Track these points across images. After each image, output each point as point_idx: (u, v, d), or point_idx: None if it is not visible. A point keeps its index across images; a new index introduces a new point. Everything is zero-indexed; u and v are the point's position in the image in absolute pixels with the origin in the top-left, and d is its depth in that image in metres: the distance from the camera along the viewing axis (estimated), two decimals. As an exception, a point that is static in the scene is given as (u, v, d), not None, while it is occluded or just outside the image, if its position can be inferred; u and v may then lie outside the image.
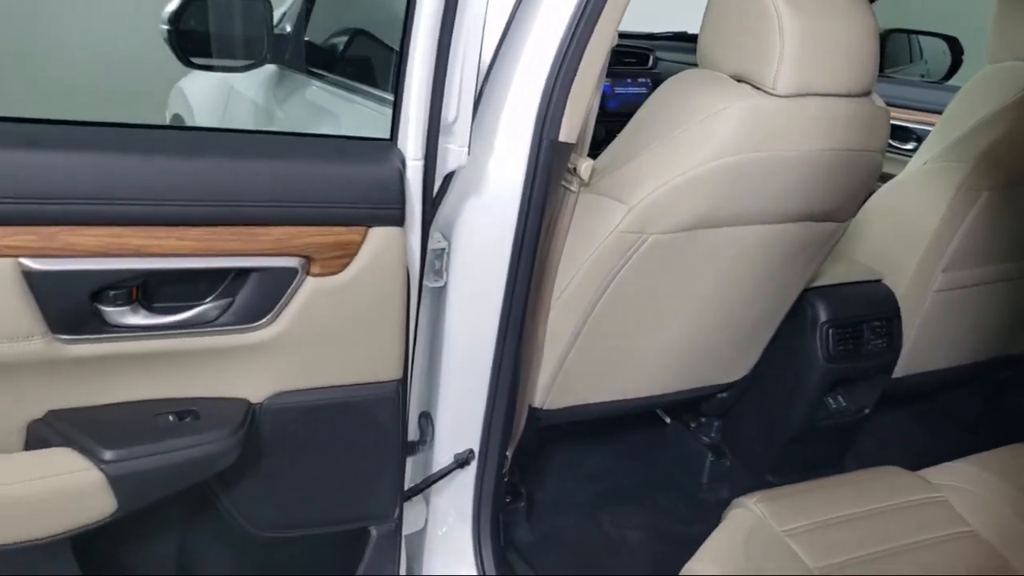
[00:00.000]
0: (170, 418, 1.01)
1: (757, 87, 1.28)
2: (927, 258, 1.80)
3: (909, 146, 2.50)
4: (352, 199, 1.01)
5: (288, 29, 2.18)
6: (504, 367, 1.34)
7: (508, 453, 1.54)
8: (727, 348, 1.70)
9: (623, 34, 2.89)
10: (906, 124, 2.54)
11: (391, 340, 1.10)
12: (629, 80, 2.77)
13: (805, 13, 1.22)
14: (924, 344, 1.89)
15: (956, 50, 2.65)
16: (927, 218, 1.78)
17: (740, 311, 1.60)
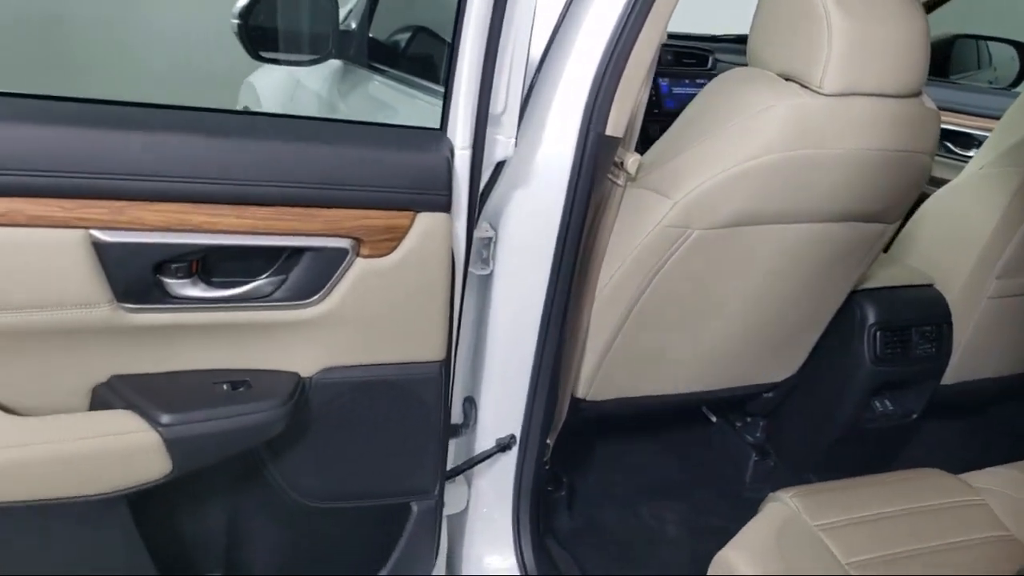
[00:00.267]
0: (224, 387, 1.06)
1: (804, 86, 1.30)
2: (981, 264, 1.78)
3: (971, 152, 2.47)
4: (401, 185, 1.05)
5: (353, 26, 2.24)
6: (546, 355, 1.38)
7: (549, 441, 1.57)
8: (772, 347, 1.71)
9: (684, 36, 2.91)
10: (970, 131, 2.50)
11: (435, 322, 1.14)
12: (687, 81, 2.78)
13: (854, 14, 1.24)
14: (976, 351, 1.87)
15: (1026, 56, 2.61)
16: (982, 223, 1.76)
17: (786, 310, 1.61)
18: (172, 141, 0.94)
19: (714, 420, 2.10)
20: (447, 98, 1.10)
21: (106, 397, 1.02)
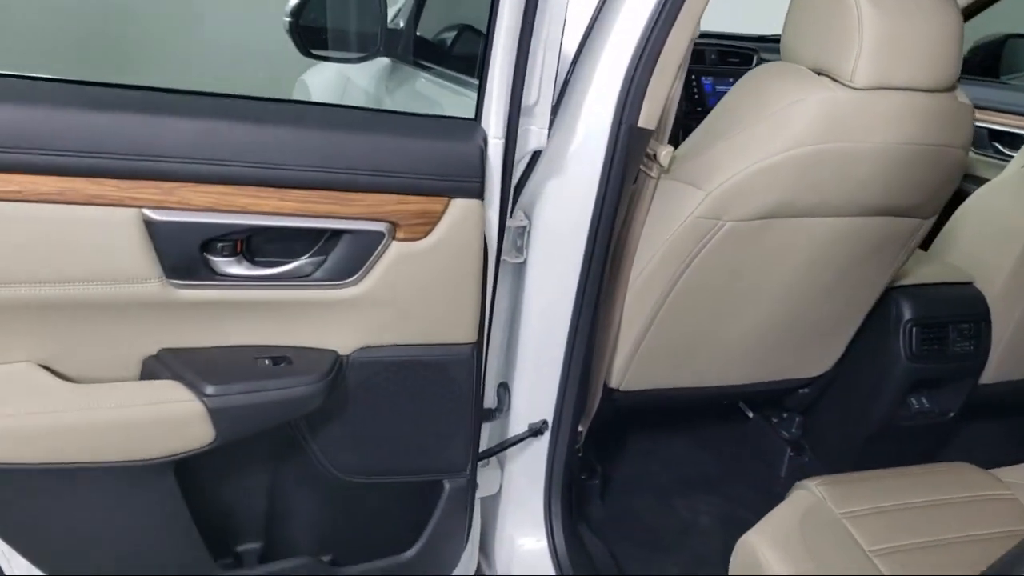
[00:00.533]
0: (266, 362, 1.12)
1: (835, 80, 1.31)
2: (1022, 262, 1.77)
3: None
4: (436, 172, 1.10)
5: (401, 25, 2.30)
6: (578, 343, 1.41)
7: (582, 428, 1.61)
8: (807, 342, 1.72)
9: (729, 35, 2.92)
10: (1020, 131, 2.47)
11: (467, 305, 1.18)
12: (732, 79, 2.77)
13: (885, 8, 1.25)
14: (1016, 350, 1.86)
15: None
16: (1023, 221, 1.75)
17: (819, 304, 1.62)
18: (219, 127, 1.00)
19: (751, 416, 2.11)
20: (481, 89, 1.14)
21: (155, 369, 1.09)
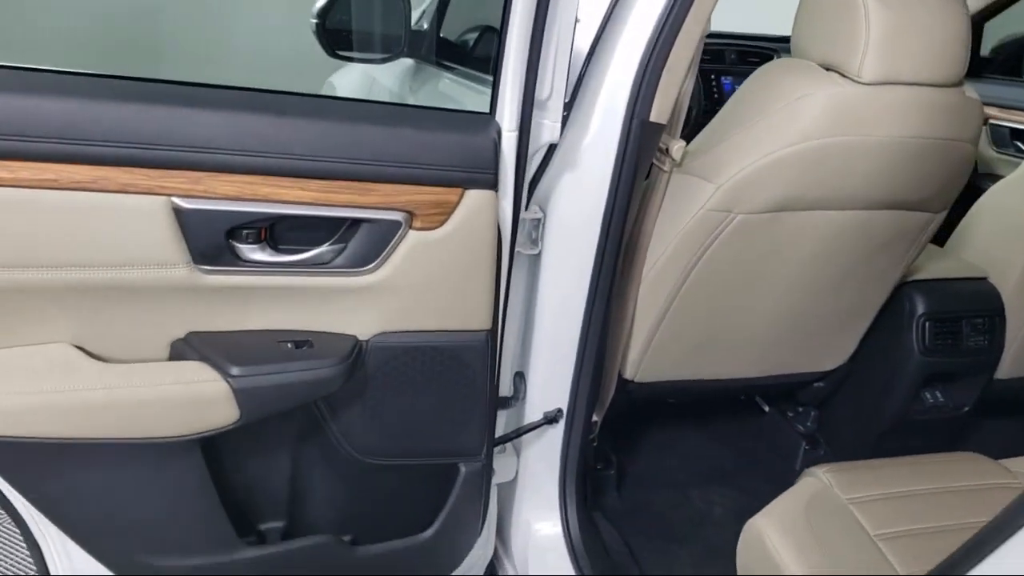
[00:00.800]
0: (289, 345, 1.17)
1: (844, 75, 1.34)
2: None
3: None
4: (451, 163, 1.14)
5: (425, 27, 2.36)
6: (591, 334, 1.45)
7: (596, 418, 1.64)
8: (819, 335, 1.74)
9: (750, 36, 2.94)
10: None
11: (481, 292, 1.23)
12: (752, 80, 2.81)
13: (891, 5, 1.28)
14: None
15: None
16: None
17: (831, 298, 1.64)
18: (244, 120, 1.05)
19: (767, 410, 2.14)
20: (496, 85, 1.18)
21: (182, 351, 1.14)
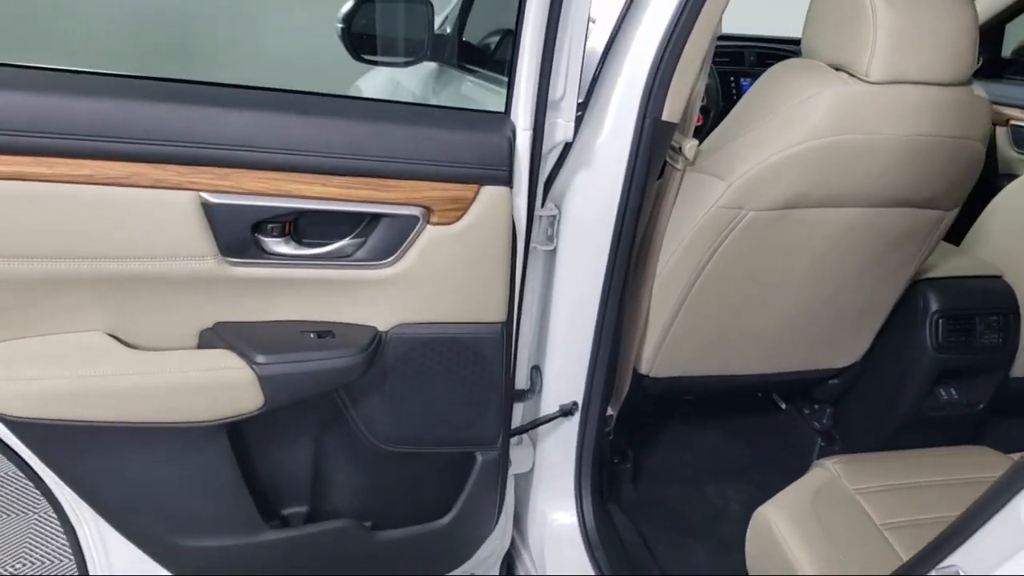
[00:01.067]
0: (312, 335, 1.22)
1: (852, 74, 1.37)
2: None
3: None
4: (468, 160, 1.18)
5: (448, 31, 2.41)
6: (605, 329, 1.49)
7: (612, 411, 1.68)
8: (832, 332, 1.77)
9: (769, 38, 2.96)
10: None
11: (497, 285, 1.27)
12: (771, 82, 2.83)
13: (898, 5, 1.31)
14: None
15: None
16: None
17: (844, 295, 1.67)
18: (270, 119, 1.10)
19: (783, 407, 2.16)
20: (510, 85, 1.23)
21: (210, 340, 1.20)
